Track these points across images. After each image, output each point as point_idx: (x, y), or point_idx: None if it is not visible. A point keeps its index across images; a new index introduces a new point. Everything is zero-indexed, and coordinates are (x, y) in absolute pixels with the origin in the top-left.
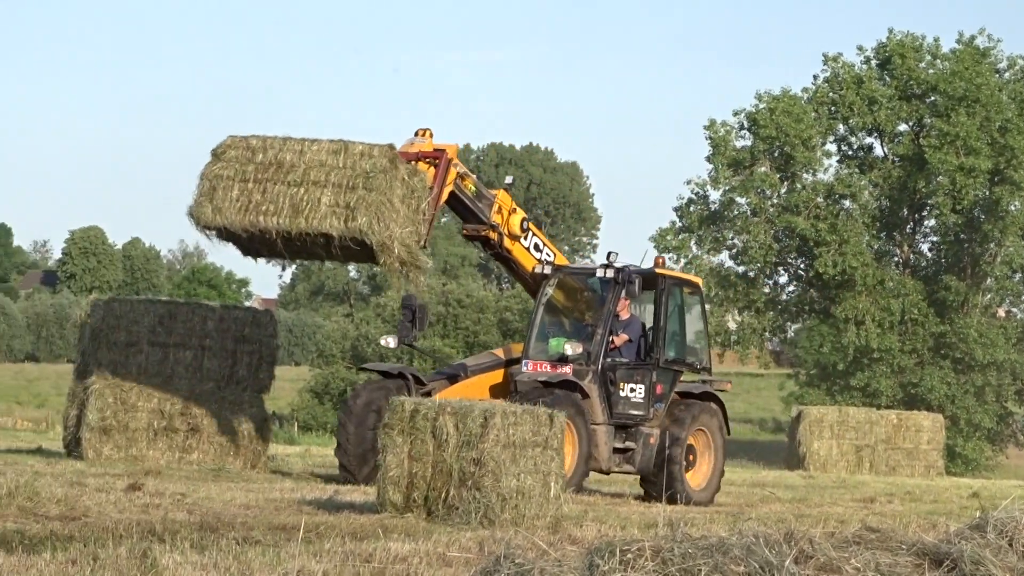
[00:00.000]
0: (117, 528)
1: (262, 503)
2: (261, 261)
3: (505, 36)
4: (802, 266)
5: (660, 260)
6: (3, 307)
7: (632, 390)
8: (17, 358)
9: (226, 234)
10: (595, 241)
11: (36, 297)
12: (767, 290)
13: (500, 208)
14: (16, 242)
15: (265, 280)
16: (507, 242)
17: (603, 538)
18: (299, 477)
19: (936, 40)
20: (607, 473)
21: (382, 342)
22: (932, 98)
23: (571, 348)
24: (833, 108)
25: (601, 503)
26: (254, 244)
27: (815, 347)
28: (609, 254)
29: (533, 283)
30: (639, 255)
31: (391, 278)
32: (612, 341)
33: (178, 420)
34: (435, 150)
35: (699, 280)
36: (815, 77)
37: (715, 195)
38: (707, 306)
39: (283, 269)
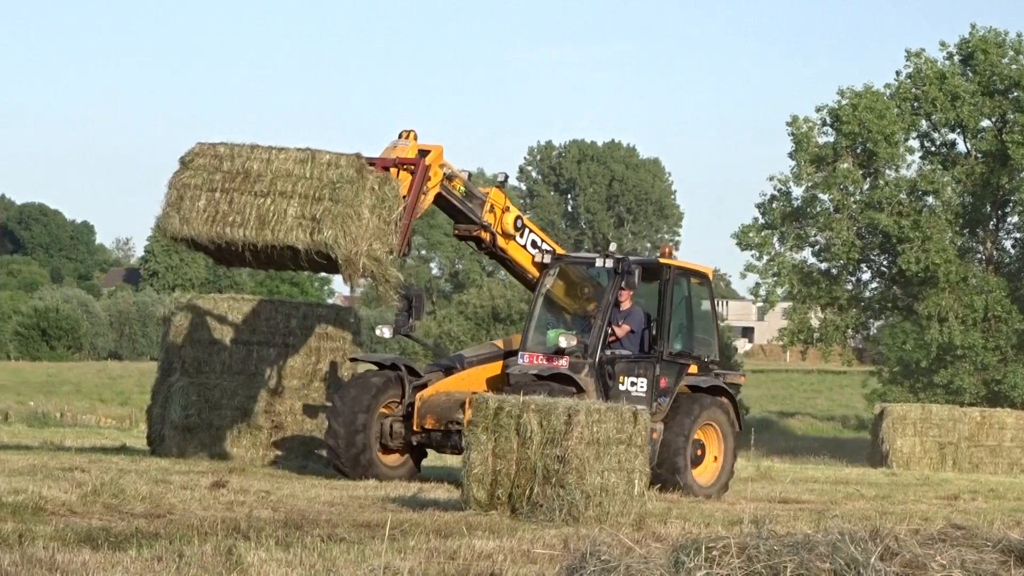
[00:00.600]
0: (202, 525)
1: (346, 500)
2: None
3: (589, 34)
4: (885, 263)
5: (667, 249)
6: (86, 305)
7: (633, 383)
8: (100, 356)
9: (194, 245)
10: (677, 238)
11: (119, 295)
12: (850, 287)
13: (492, 207)
14: (99, 240)
15: None
16: (501, 241)
17: (688, 535)
18: (382, 474)
19: (1019, 36)
20: None
21: (377, 332)
22: (1015, 94)
23: (565, 340)
24: (916, 104)
25: (684, 501)
26: (223, 255)
27: (898, 344)
28: (608, 243)
29: (534, 280)
30: (724, 253)
31: (350, 286)
32: (612, 332)
33: (262, 417)
34: (412, 157)
35: (708, 270)
36: (898, 73)
37: (798, 191)
38: (729, 299)
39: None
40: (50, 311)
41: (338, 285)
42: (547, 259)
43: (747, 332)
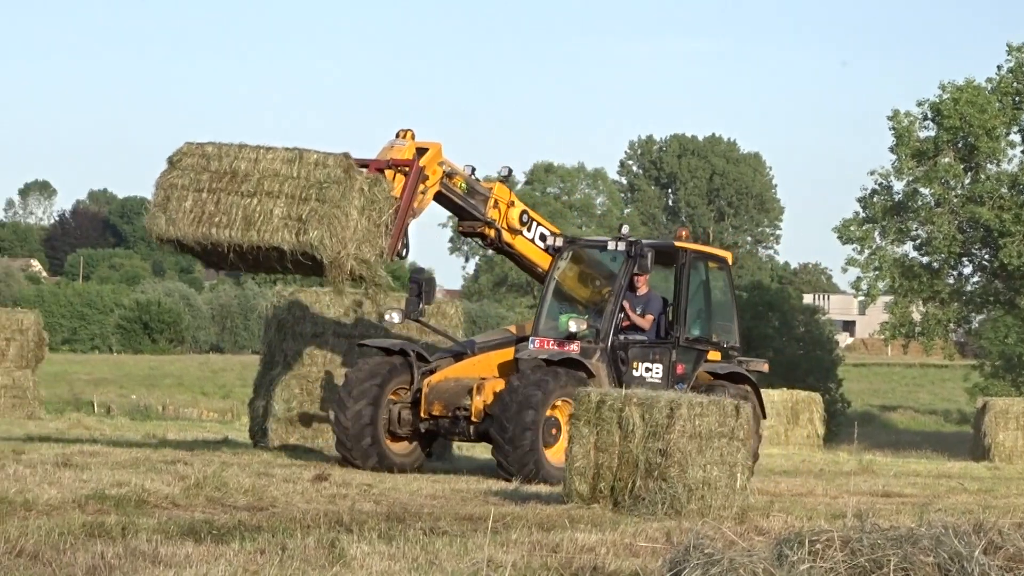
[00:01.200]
0: (305, 518)
1: (448, 493)
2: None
3: (690, 27)
4: (986, 257)
5: (683, 232)
6: (188, 299)
7: (648, 369)
8: (202, 349)
9: (180, 246)
10: (778, 231)
11: (220, 289)
12: (951, 281)
13: (497, 202)
14: None
15: (449, 272)
16: (507, 236)
17: (790, 529)
18: (485, 467)
19: None
20: None
21: (387, 317)
22: None
23: (575, 324)
24: (1017, 98)
25: (787, 494)
26: (210, 256)
27: (1000, 338)
28: (621, 226)
29: (544, 273)
30: (825, 247)
31: (335, 289)
32: (627, 318)
33: None
34: (406, 158)
35: (727, 254)
36: (999, 67)
37: (899, 186)
38: (753, 284)
39: (466, 260)
40: (152, 305)
41: (440, 278)
42: (559, 242)
43: (848, 326)
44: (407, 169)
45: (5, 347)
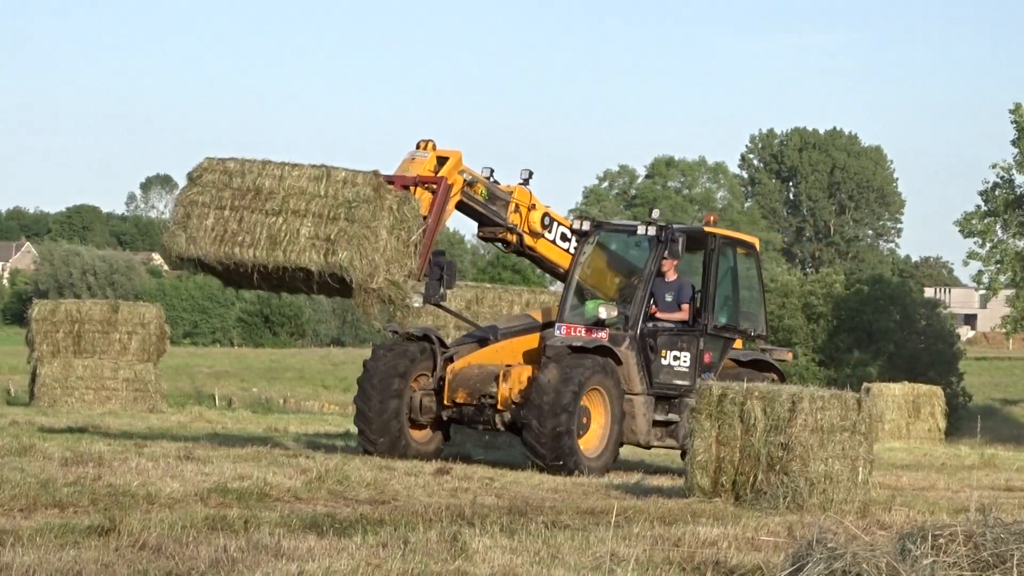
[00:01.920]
0: (426, 512)
1: (570, 487)
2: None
3: (812, 22)
4: None
5: (711, 217)
6: None
7: (676, 358)
8: (323, 342)
9: (201, 265)
10: (899, 225)
11: None
12: None
13: (517, 207)
14: None
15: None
16: (529, 240)
17: (913, 523)
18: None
19: None
20: (647, 447)
21: (407, 301)
22: None
23: (605, 311)
24: None
25: (908, 488)
26: (231, 276)
27: None
28: (651, 210)
29: (564, 271)
30: (947, 240)
31: (361, 312)
32: (655, 304)
33: None
34: (432, 175)
35: (755, 240)
36: None
37: (1020, 179)
38: (770, 267)
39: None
40: (273, 298)
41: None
42: (585, 226)
43: (969, 319)
44: (434, 186)
45: (127, 341)
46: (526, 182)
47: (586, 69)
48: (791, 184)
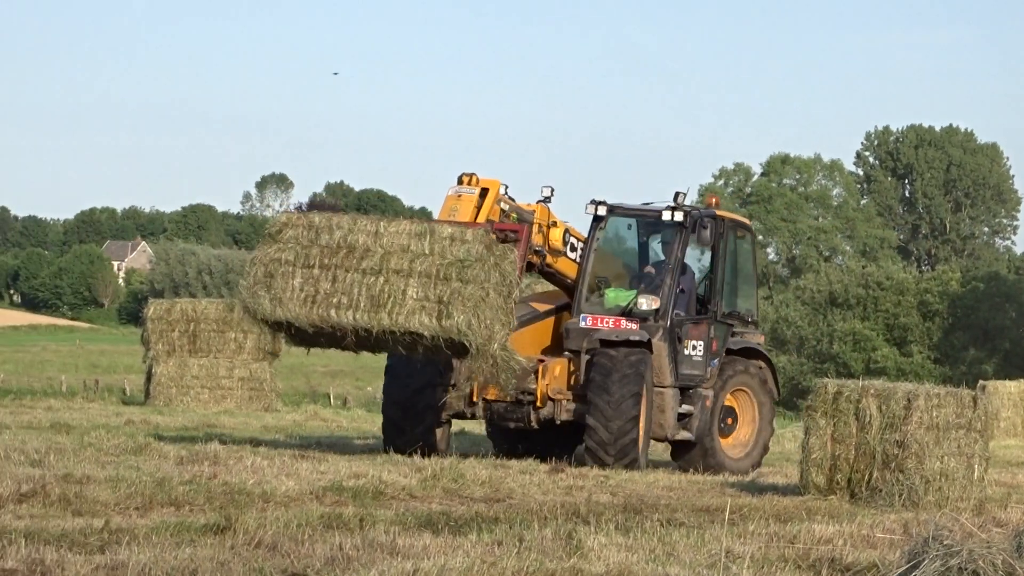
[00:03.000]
0: (541, 510)
1: (685, 485)
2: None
3: (926, 18)
4: None
5: (715, 200)
6: None
7: (694, 347)
8: None
9: (286, 328)
10: (1015, 222)
11: None
12: None
13: (540, 227)
14: None
15: None
16: (550, 259)
17: None
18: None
19: None
20: (671, 442)
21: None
22: None
23: (647, 302)
24: None
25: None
26: (321, 338)
27: None
28: (677, 194)
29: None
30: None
31: (478, 373)
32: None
33: None
34: (517, 225)
35: (749, 221)
36: None
37: None
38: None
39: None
40: None
41: None
42: (600, 211)
43: None
44: (515, 235)
45: (243, 340)
46: (547, 200)
47: (702, 66)
48: (907, 181)
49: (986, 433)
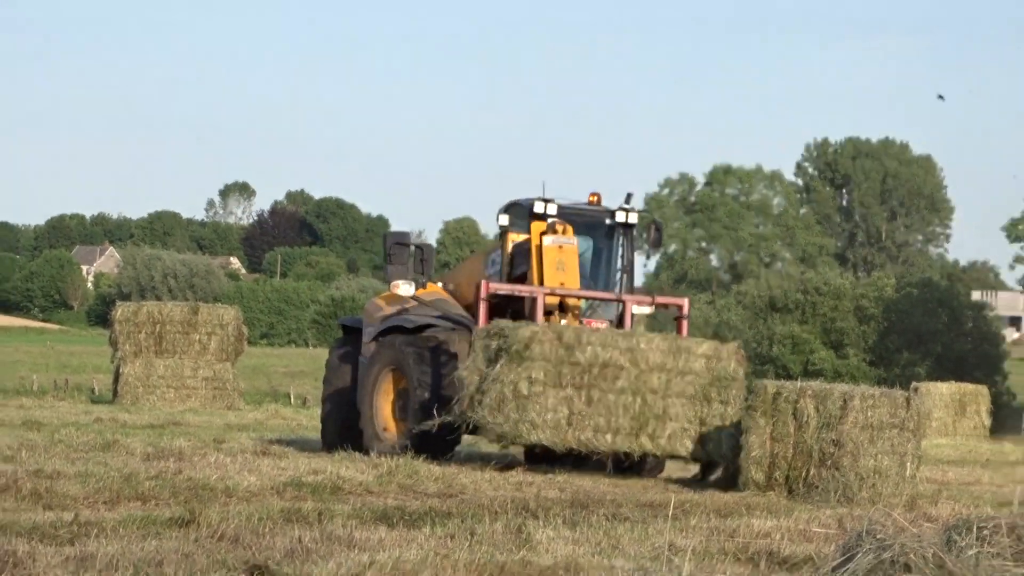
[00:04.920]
0: (492, 505)
1: (629, 482)
2: None
3: (863, 32)
4: None
5: (597, 197)
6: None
7: None
8: None
9: (533, 447)
10: (948, 231)
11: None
12: None
13: None
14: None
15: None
16: None
17: (958, 516)
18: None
19: None
20: None
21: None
22: None
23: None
24: None
25: (954, 483)
26: (567, 456)
27: None
28: (629, 196)
29: None
30: (994, 245)
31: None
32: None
33: None
34: (678, 302)
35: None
36: None
37: None
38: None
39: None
40: (346, 300)
41: None
42: (551, 209)
43: (1015, 322)
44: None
45: (207, 341)
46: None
47: (650, 80)
48: (844, 191)
49: (918, 432)
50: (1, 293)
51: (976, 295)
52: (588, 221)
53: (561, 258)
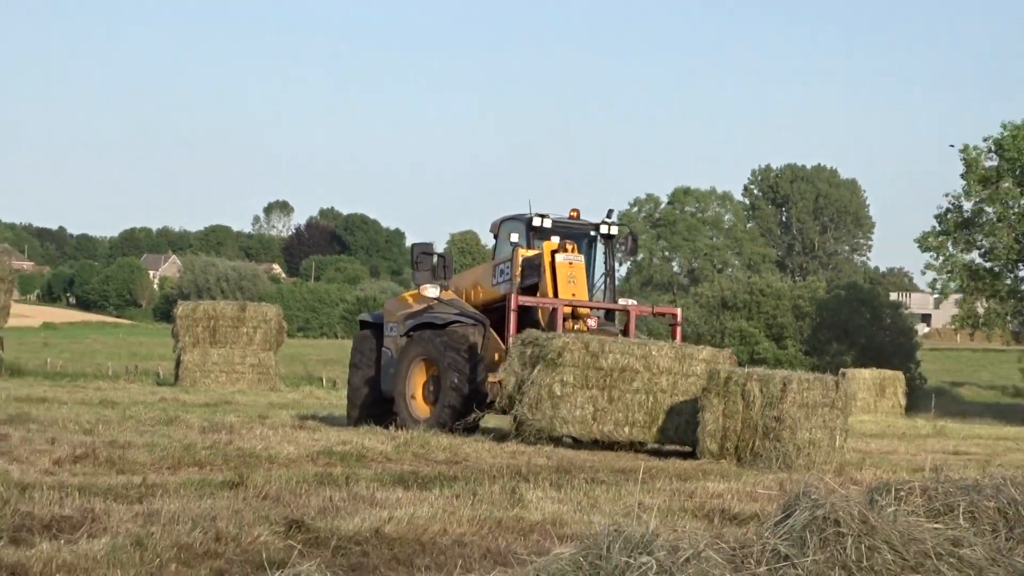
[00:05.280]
0: (491, 470)
1: (605, 451)
2: None
3: (797, 74)
4: None
5: (575, 212)
6: (398, 294)
7: None
8: None
9: (567, 438)
10: (870, 242)
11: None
12: (1009, 282)
13: None
14: (408, 242)
15: None
16: None
17: (879, 480)
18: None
19: None
20: None
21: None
22: None
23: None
24: None
25: (876, 452)
26: (591, 442)
27: None
28: (610, 211)
29: None
30: (908, 254)
31: None
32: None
33: None
34: (673, 311)
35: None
36: None
37: (967, 205)
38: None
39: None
40: (369, 299)
41: None
42: (547, 223)
43: (925, 318)
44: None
45: (253, 334)
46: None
47: (623, 114)
48: (783, 209)
49: (846, 410)
50: (82, 294)
51: (893, 296)
52: (575, 232)
53: (572, 272)
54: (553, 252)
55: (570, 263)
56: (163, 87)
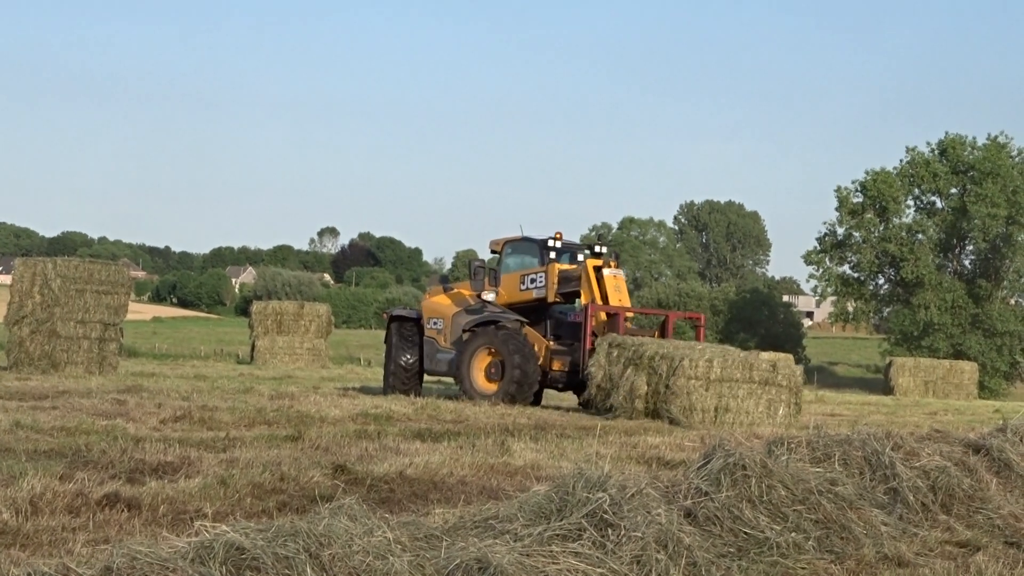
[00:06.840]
0: (485, 428)
1: (572, 414)
2: None
3: (712, 128)
4: (893, 273)
5: (559, 234)
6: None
7: None
8: None
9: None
10: (768, 258)
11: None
12: (871, 288)
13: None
14: (425, 257)
15: None
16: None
17: (775, 435)
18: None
19: (974, 137)
20: None
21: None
22: (972, 172)
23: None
24: (912, 178)
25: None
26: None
27: (900, 322)
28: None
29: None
30: (798, 267)
31: None
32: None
33: None
34: (695, 314)
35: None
36: (901, 160)
37: (840, 230)
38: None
39: None
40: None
41: None
42: (558, 248)
43: (810, 314)
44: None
45: (309, 325)
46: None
47: (583, 154)
48: (704, 234)
49: (790, 391)
50: (182, 295)
51: (785, 298)
52: (571, 251)
53: (617, 284)
54: (597, 268)
55: (615, 276)
56: (246, 138)
